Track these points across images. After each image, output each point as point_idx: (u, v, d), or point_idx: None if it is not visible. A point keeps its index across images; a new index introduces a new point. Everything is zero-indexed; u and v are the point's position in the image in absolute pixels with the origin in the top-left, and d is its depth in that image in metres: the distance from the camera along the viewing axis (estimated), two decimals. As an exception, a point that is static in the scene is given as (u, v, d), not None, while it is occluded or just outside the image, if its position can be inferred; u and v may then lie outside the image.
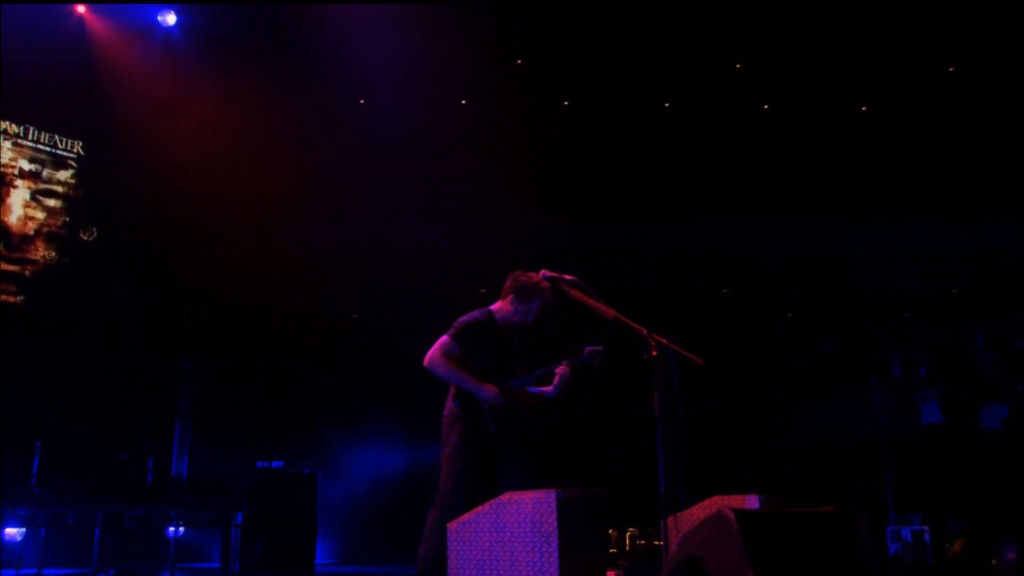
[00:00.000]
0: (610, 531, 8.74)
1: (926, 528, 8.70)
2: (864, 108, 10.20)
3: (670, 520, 4.33)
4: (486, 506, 4.50)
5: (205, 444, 8.34)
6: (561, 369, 5.12)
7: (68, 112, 8.76)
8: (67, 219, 8.80)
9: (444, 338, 5.06)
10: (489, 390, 5.00)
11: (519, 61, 9.80)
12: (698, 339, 10.58)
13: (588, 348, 5.06)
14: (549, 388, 5.18)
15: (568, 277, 4.90)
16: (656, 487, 4.32)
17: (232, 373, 9.05)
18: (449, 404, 5.13)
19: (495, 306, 5.30)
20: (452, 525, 4.63)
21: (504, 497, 4.48)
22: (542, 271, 5.06)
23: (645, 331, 4.39)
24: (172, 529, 7.89)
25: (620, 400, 9.43)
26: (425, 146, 9.85)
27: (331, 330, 9.43)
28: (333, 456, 9.50)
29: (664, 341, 4.38)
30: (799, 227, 10.93)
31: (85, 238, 8.85)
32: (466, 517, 4.59)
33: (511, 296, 5.21)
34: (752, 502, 4.78)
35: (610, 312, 4.62)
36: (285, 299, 9.33)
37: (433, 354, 5.03)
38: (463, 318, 5.17)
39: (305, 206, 9.83)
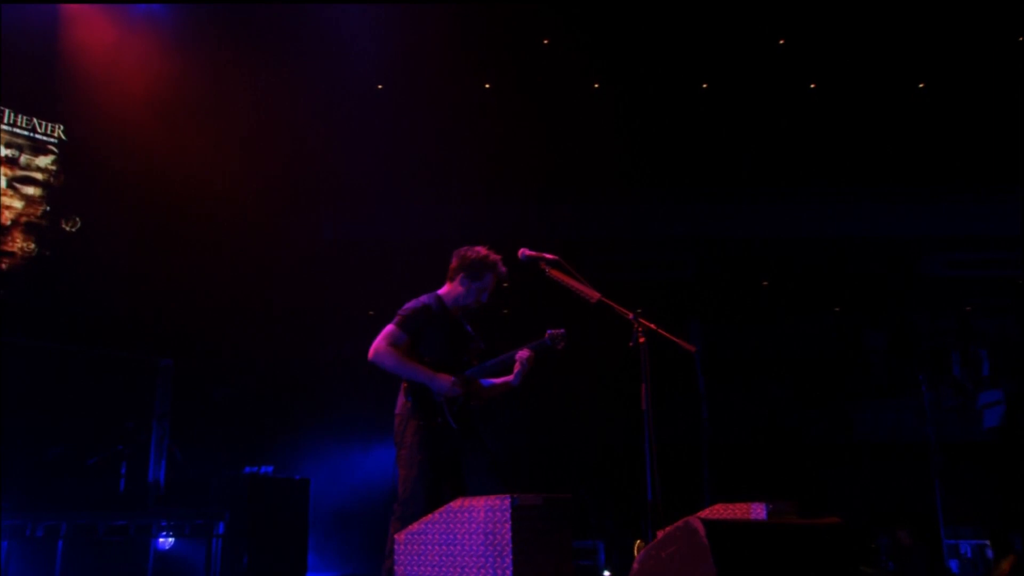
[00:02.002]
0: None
1: (987, 543, 8.15)
2: (921, 85, 9.57)
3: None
4: (435, 514, 4.24)
5: (185, 448, 7.94)
6: (522, 355, 4.89)
7: (47, 93, 8.46)
8: (47, 208, 8.53)
9: (389, 327, 4.83)
10: (444, 380, 4.77)
11: (545, 41, 9.30)
12: (733, 334, 10.43)
13: (549, 331, 4.84)
14: (510, 377, 4.97)
15: (549, 256, 4.59)
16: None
17: (216, 372, 8.80)
18: (401, 400, 4.88)
19: (443, 290, 5.07)
20: (399, 536, 4.32)
21: (455, 504, 4.18)
22: (521, 249, 4.69)
23: (631, 315, 4.15)
24: (156, 540, 7.61)
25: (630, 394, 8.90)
26: (445, 132, 9.65)
27: (324, 327, 9.12)
28: (327, 460, 9.18)
29: (652, 326, 4.13)
30: (846, 210, 10.57)
31: (68, 229, 8.58)
32: (414, 527, 4.32)
33: (460, 275, 5.00)
34: (758, 511, 4.46)
35: (594, 295, 4.35)
36: (275, 294, 9.12)
37: (378, 345, 4.79)
38: (409, 304, 4.93)
39: (303, 197, 9.60)
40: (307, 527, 8.14)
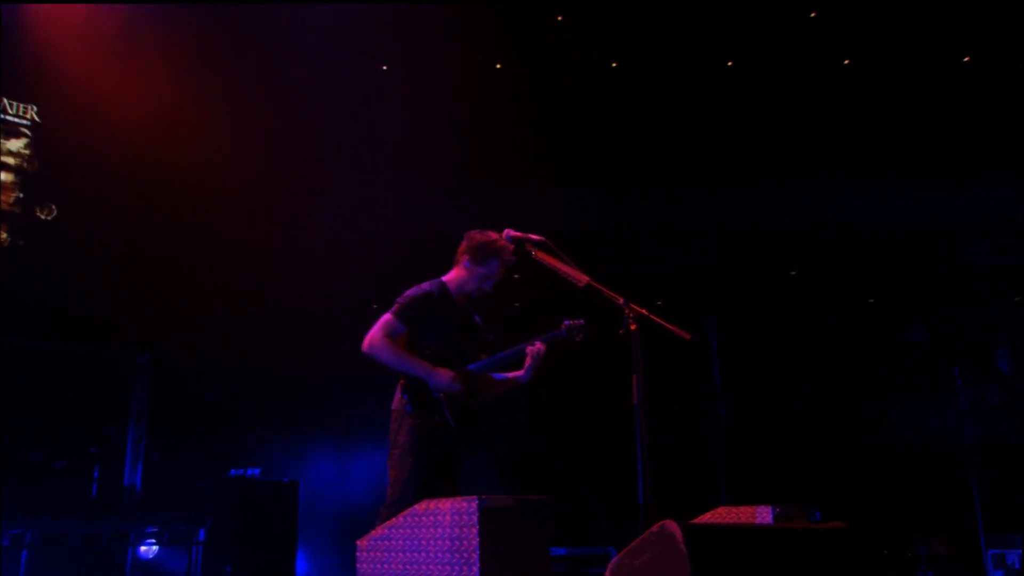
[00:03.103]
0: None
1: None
2: (966, 59, 9.20)
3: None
4: (400, 518, 4.12)
5: (164, 450, 7.79)
6: (534, 349, 4.73)
7: (18, 71, 8.23)
8: (20, 195, 8.35)
9: (386, 316, 4.69)
10: (444, 375, 4.62)
11: (559, 17, 9.07)
12: (758, 327, 10.13)
13: (566, 322, 4.72)
14: (520, 372, 4.83)
15: (535, 237, 4.41)
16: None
17: (198, 368, 8.55)
18: (397, 396, 4.76)
19: (449, 275, 4.92)
20: (362, 542, 4.16)
21: (420, 506, 4.03)
22: (506, 230, 4.56)
23: (622, 300, 3.95)
24: (138, 549, 7.50)
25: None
26: (452, 116, 9.34)
27: (319, 321, 8.90)
28: (319, 462, 8.99)
29: (644, 312, 3.93)
30: (882, 195, 10.23)
31: (43, 217, 8.41)
32: (377, 532, 4.19)
33: (465, 259, 4.84)
34: (764, 515, 4.32)
35: (583, 278, 4.16)
36: (264, 284, 8.88)
37: (373, 336, 4.65)
38: (409, 291, 4.78)
39: (299, 184, 9.38)
40: (296, 533, 7.90)
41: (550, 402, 9.65)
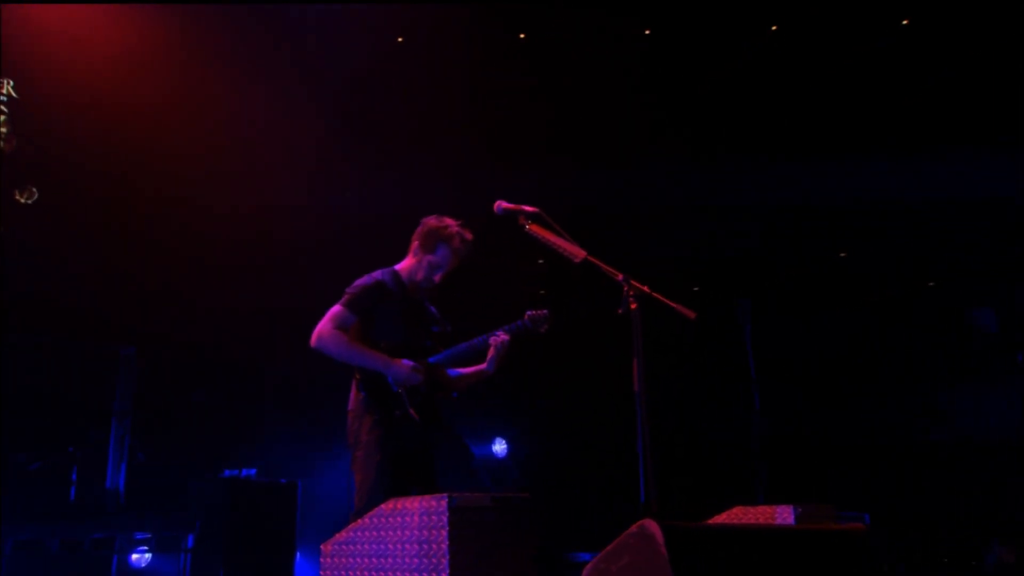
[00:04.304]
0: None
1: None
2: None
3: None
4: (365, 519, 3.81)
5: (150, 449, 7.65)
6: (497, 339, 4.66)
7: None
8: (-4, 177, 8.18)
9: (335, 308, 4.58)
10: (402, 366, 4.48)
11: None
12: (805, 313, 9.77)
13: (529, 312, 4.68)
14: (483, 365, 4.77)
15: (529, 208, 4.18)
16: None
17: (186, 362, 8.37)
18: (353, 393, 4.65)
19: (401, 264, 4.83)
20: (326, 547, 3.97)
21: (387, 506, 3.74)
22: (497, 202, 4.29)
23: (620, 276, 3.81)
24: (129, 557, 7.39)
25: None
26: (475, 90, 9.19)
27: (317, 313, 8.65)
28: (317, 461, 8.77)
29: (645, 289, 3.77)
30: (945, 168, 9.75)
31: (23, 200, 8.21)
32: (342, 535, 3.90)
33: (415, 245, 4.77)
34: (785, 515, 4.24)
35: (580, 252, 4.01)
36: (259, 273, 8.69)
37: (322, 329, 4.53)
38: (359, 280, 4.68)
39: (297, 170, 9.06)
40: (295, 538, 7.82)
41: (573, 398, 9.35)
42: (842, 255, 10.07)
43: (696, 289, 10.39)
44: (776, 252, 10.06)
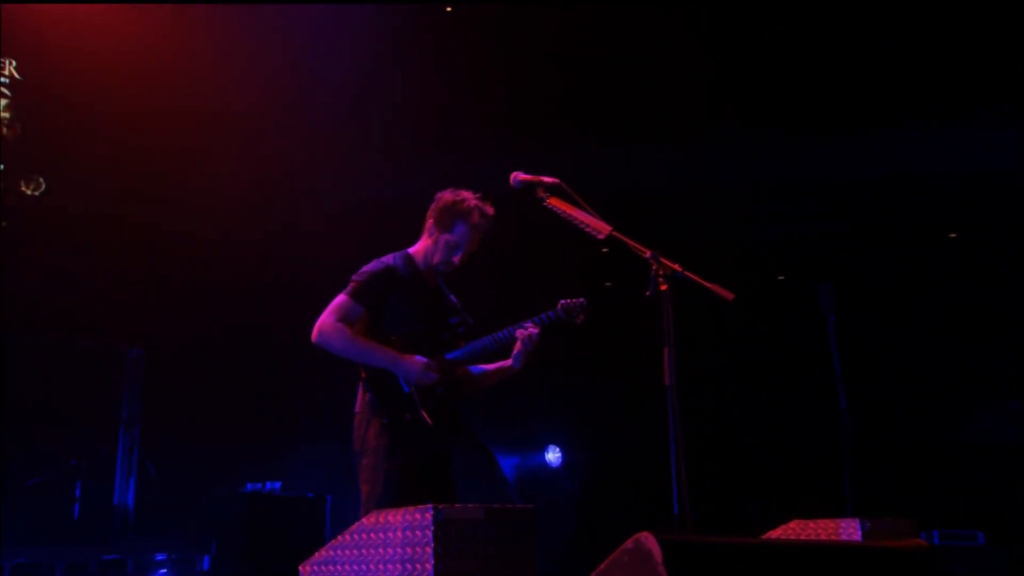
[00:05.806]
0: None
1: None
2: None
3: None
4: (346, 535, 3.70)
5: (161, 461, 7.62)
6: (524, 333, 4.38)
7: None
8: (2, 167, 8.12)
9: (340, 298, 4.37)
10: (414, 363, 4.26)
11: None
12: (900, 298, 9.36)
13: (562, 301, 4.39)
14: (508, 361, 4.54)
15: (547, 180, 4.04)
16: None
17: (200, 364, 8.25)
18: (360, 394, 4.47)
19: (415, 246, 4.63)
20: (304, 568, 3.84)
21: (368, 520, 3.59)
22: (514, 173, 4.13)
23: (649, 253, 3.61)
24: None
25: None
26: (521, 63, 8.85)
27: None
28: (345, 474, 8.59)
29: (677, 268, 3.58)
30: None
31: (29, 192, 8.14)
32: (321, 554, 3.80)
33: (430, 224, 4.53)
34: (851, 530, 4.01)
35: (604, 227, 3.85)
36: (282, 266, 8.55)
37: (324, 322, 4.31)
38: (367, 267, 4.48)
39: (320, 156, 8.92)
40: None
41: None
42: (951, 236, 9.81)
43: (780, 278, 10.14)
44: (871, 233, 9.85)
